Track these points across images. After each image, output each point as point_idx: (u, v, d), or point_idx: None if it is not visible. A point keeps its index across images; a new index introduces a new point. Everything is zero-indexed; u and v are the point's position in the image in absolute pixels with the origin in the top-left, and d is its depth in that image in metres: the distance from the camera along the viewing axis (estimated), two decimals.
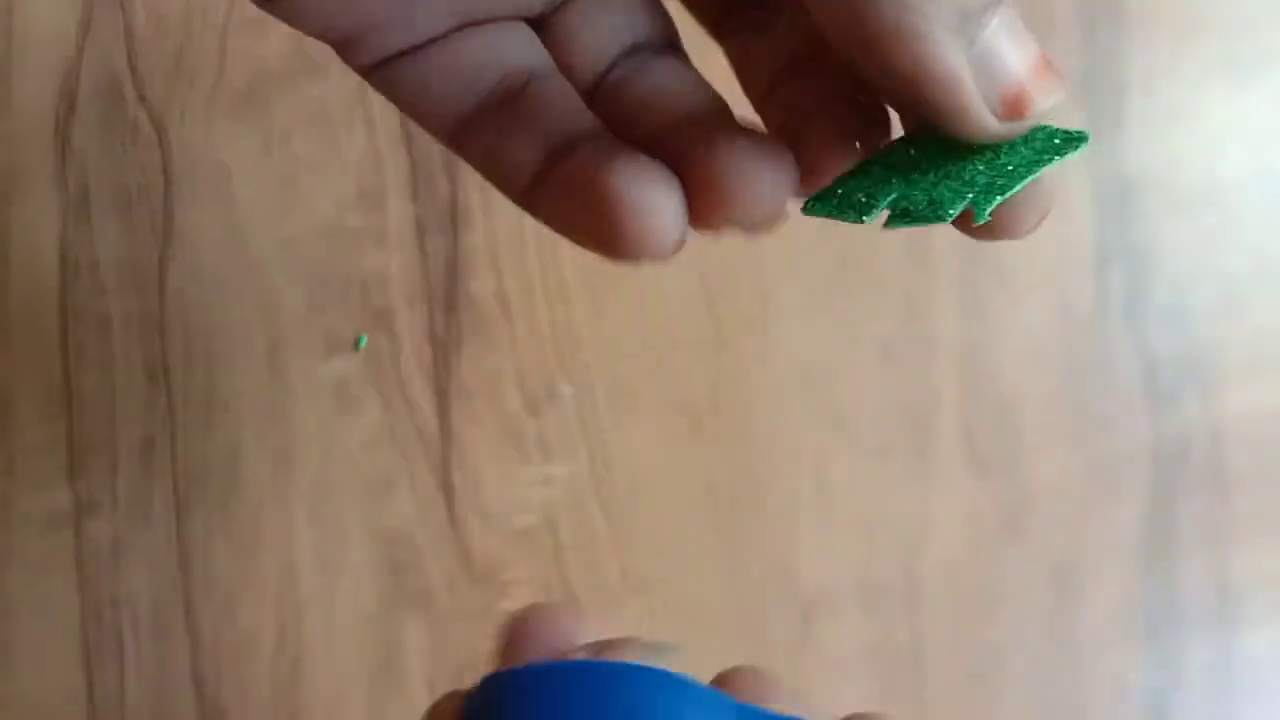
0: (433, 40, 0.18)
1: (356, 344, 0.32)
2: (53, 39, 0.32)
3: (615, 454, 0.33)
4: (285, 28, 0.17)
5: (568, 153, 0.17)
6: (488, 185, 0.33)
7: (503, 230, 0.33)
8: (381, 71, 0.18)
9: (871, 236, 0.35)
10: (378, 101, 0.33)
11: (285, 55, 0.32)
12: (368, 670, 0.31)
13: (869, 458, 0.34)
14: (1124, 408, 0.35)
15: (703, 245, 0.17)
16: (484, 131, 0.18)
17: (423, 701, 0.31)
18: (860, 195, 0.16)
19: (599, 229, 0.16)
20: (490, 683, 0.17)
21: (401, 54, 0.18)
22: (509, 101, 0.18)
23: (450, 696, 0.18)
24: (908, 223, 0.16)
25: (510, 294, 0.33)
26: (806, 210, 0.17)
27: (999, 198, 0.16)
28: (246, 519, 0.31)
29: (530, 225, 0.34)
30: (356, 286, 0.32)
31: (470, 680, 0.18)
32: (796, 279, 0.34)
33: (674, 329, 0.33)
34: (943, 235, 0.35)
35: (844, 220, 0.16)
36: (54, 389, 0.31)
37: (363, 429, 0.32)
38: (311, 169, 0.32)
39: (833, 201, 0.16)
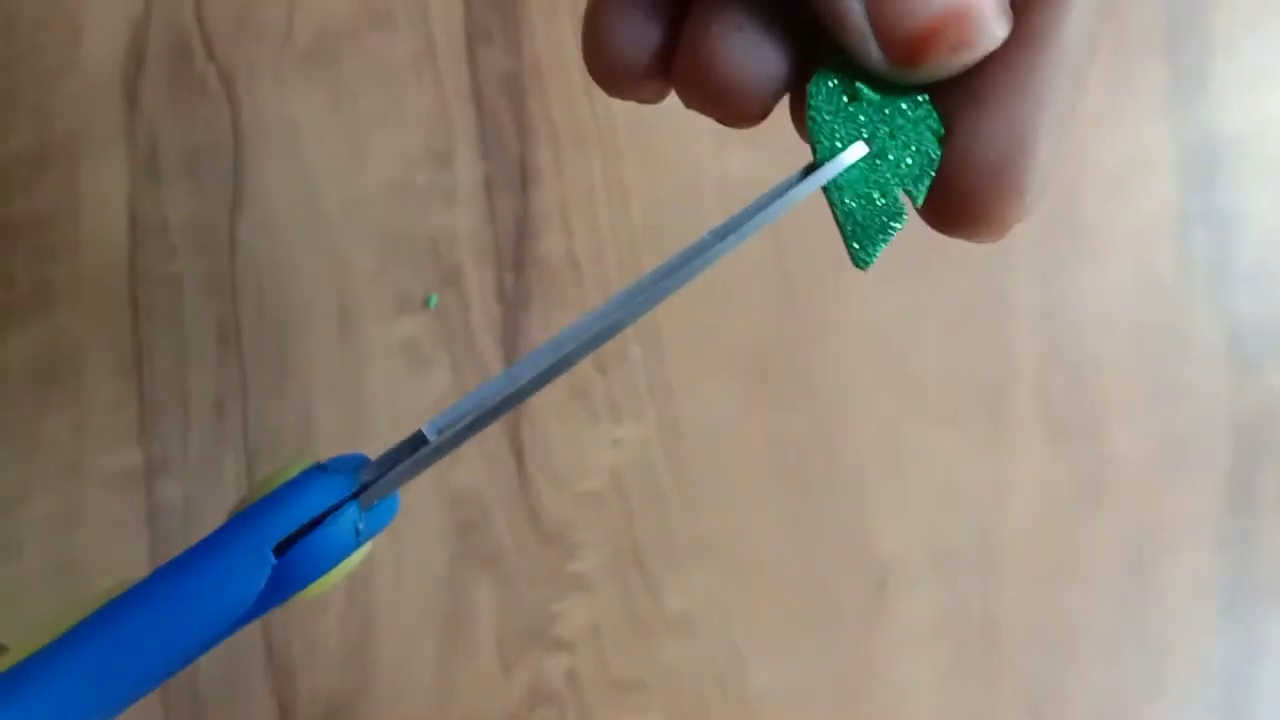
0: None
1: (426, 303, 0.32)
2: None
3: (684, 415, 0.32)
4: None
5: None
6: (558, 142, 0.33)
7: (573, 188, 0.32)
8: None
9: None
10: (446, 56, 0.33)
11: (353, 10, 0.32)
12: (436, 629, 0.31)
13: (943, 423, 0.33)
14: (1205, 376, 0.34)
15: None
16: None
17: (492, 661, 0.31)
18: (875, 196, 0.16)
19: None
20: None
21: None
22: None
23: None
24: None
25: (579, 253, 0.32)
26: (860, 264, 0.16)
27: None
28: None
29: (600, 183, 0.33)
30: (426, 245, 0.32)
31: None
32: None
33: (744, 289, 0.33)
34: None
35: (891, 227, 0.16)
36: (125, 349, 0.32)
37: (433, 389, 0.32)
38: (380, 126, 0.32)
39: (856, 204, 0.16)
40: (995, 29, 0.14)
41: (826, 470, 0.33)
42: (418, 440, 0.14)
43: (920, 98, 0.15)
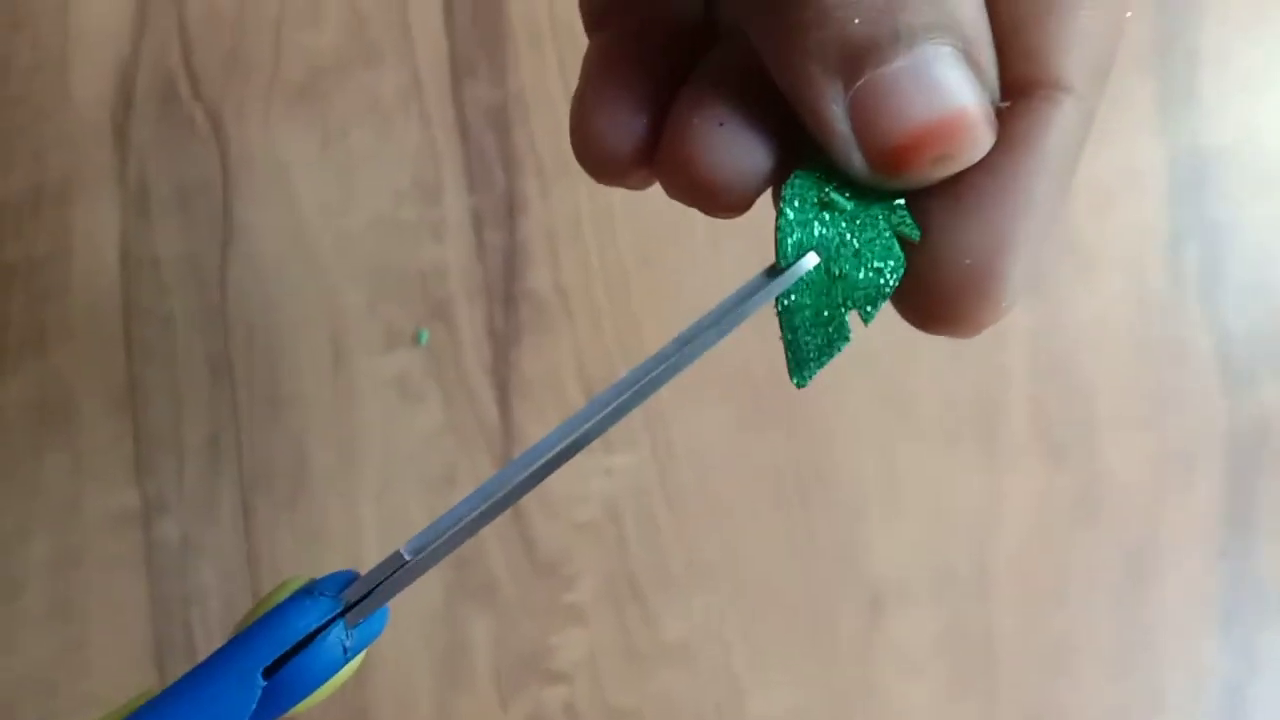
0: None
1: (417, 338, 0.32)
2: (109, 38, 0.32)
3: (678, 442, 0.32)
4: (339, 17, 0.17)
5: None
6: (544, 173, 0.33)
7: (561, 219, 0.32)
8: None
9: None
10: (432, 90, 0.33)
11: (339, 46, 0.32)
12: (434, 663, 0.31)
13: (937, 443, 0.33)
14: (1199, 389, 0.34)
15: (765, 227, 0.17)
16: None
17: (489, 694, 0.31)
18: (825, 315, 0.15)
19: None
20: None
21: None
22: None
23: None
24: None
25: (568, 284, 0.32)
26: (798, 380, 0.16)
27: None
28: (313, 514, 0.32)
29: (587, 212, 0.33)
30: (415, 280, 0.32)
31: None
32: None
33: None
34: None
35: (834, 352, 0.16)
36: (118, 387, 0.32)
37: (425, 423, 0.32)
38: (368, 161, 0.32)
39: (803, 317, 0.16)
40: (981, 140, 0.14)
41: (821, 493, 0.33)
42: (396, 560, 0.15)
43: (897, 203, 0.15)
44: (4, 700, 0.31)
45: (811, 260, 0.15)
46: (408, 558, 0.15)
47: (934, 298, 0.15)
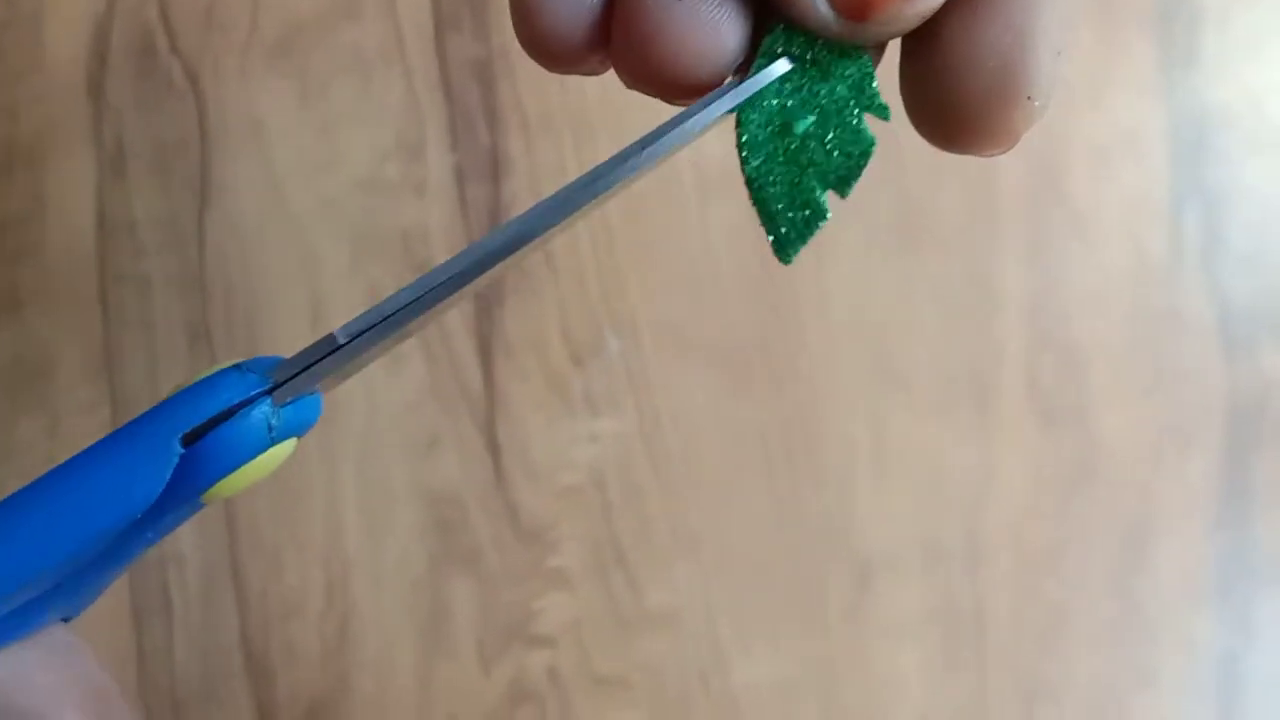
0: None
1: None
2: None
3: (664, 408, 0.32)
4: None
5: None
6: (529, 128, 0.32)
7: (545, 174, 0.32)
8: None
9: (932, 179, 0.33)
10: (415, 46, 0.32)
11: (318, 2, 0.32)
12: (416, 629, 0.31)
13: (928, 411, 0.33)
14: (1198, 358, 0.34)
15: None
16: None
17: (472, 659, 0.31)
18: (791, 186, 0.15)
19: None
20: None
21: None
22: None
23: None
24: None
25: (553, 245, 0.32)
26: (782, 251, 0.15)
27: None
28: (293, 478, 0.31)
29: (574, 170, 0.33)
30: (398, 239, 0.32)
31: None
32: (853, 224, 0.33)
33: (724, 277, 0.32)
34: (1008, 178, 0.33)
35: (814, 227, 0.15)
36: (95, 349, 0.31)
37: (407, 386, 0.31)
38: (349, 119, 0.32)
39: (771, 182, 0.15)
40: None
41: (810, 461, 0.32)
42: (329, 343, 0.14)
43: (865, 78, 0.14)
44: None
45: (783, 66, 0.14)
46: (341, 340, 0.14)
47: (963, 109, 0.14)
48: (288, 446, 0.14)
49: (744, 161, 0.15)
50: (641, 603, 0.31)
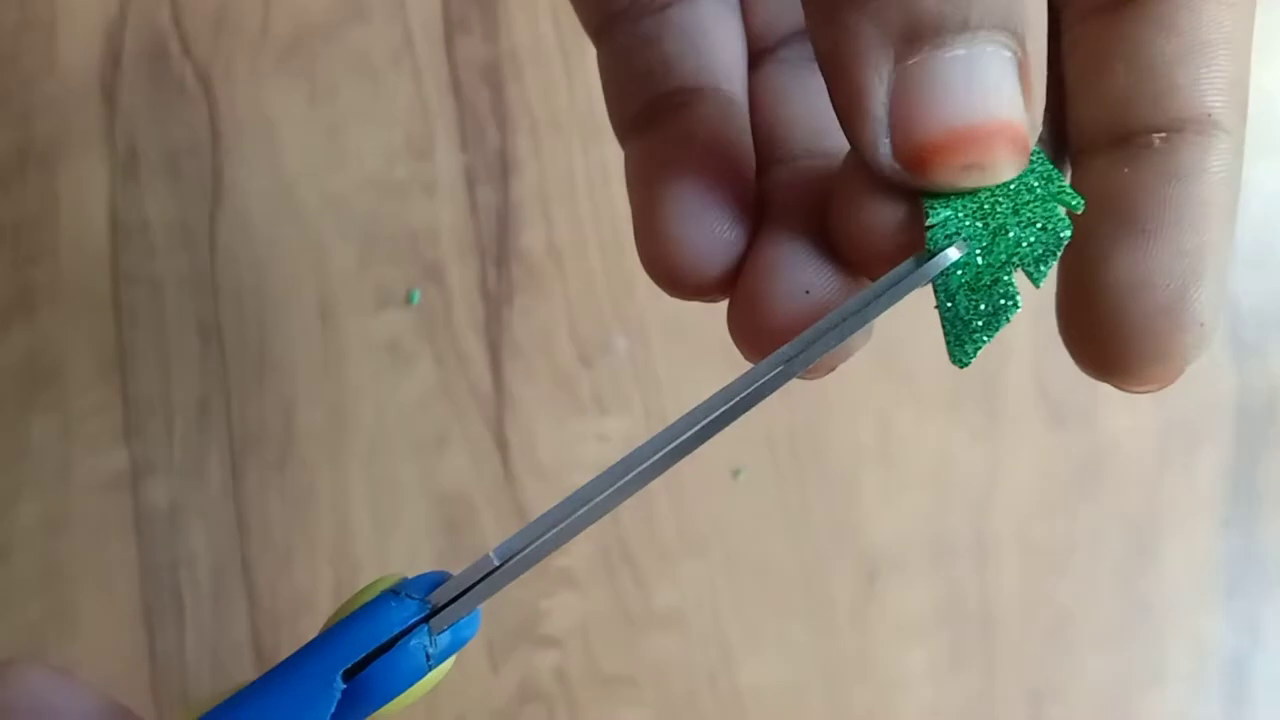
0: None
1: (409, 299, 0.32)
2: None
3: (671, 407, 0.32)
4: None
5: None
6: (538, 130, 0.32)
7: (553, 177, 0.32)
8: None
9: None
10: (424, 47, 0.32)
11: (329, 4, 0.32)
12: None
13: (936, 410, 0.33)
14: (1206, 359, 0.33)
15: None
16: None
17: (480, 658, 0.31)
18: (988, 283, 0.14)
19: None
20: None
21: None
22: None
23: None
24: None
25: (562, 244, 0.32)
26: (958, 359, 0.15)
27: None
28: (302, 477, 0.31)
29: (582, 171, 0.33)
30: (406, 240, 0.32)
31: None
32: None
33: None
34: None
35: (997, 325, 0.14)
36: (107, 350, 0.31)
37: (416, 385, 0.31)
38: (359, 120, 0.32)
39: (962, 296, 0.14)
40: (1017, 159, 0.13)
41: (818, 460, 0.32)
42: (485, 564, 0.15)
43: (1052, 173, 0.14)
44: None
45: (956, 253, 0.14)
46: (496, 562, 0.14)
47: (1131, 333, 0.14)
48: (445, 667, 0.15)
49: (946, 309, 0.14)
50: (649, 602, 0.31)
